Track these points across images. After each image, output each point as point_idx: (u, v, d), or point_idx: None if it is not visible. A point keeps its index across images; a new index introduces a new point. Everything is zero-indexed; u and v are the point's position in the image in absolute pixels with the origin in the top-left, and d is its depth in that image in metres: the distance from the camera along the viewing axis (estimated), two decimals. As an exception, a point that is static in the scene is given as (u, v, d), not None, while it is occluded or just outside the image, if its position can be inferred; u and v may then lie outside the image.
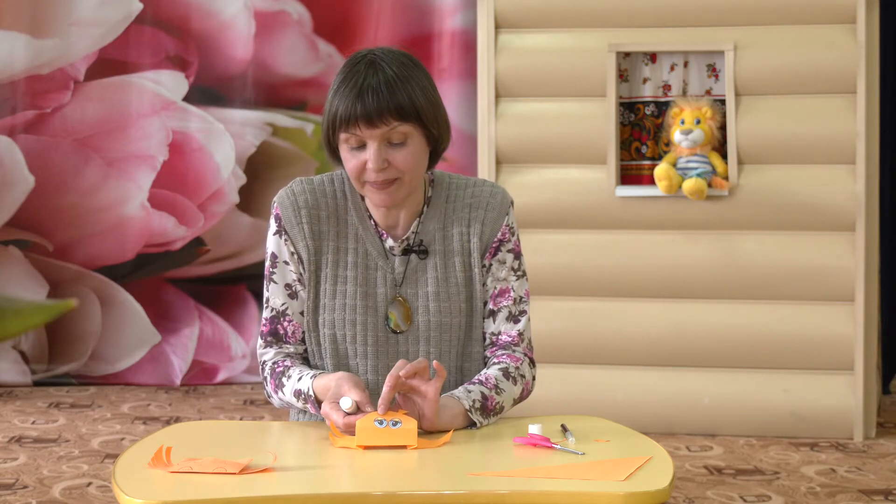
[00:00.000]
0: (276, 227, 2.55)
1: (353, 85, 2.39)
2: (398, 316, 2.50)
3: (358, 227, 2.53)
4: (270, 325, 2.54)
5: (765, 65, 4.70)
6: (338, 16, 5.87)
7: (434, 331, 2.51)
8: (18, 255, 5.77)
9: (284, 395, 2.49)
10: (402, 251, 2.52)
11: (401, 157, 2.42)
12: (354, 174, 2.44)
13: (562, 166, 4.88)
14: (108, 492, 4.02)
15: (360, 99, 2.38)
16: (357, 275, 2.50)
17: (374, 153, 2.40)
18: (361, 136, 2.40)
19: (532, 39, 4.87)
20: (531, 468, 2.16)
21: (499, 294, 2.55)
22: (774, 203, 4.72)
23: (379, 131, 2.40)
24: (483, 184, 2.58)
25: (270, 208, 2.58)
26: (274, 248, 2.56)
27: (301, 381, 2.45)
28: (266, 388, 2.55)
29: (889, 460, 4.43)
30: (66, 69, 5.73)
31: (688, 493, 4.03)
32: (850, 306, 4.71)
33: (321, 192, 2.54)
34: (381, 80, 2.39)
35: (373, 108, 2.38)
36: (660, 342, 4.79)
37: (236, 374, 5.82)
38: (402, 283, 2.51)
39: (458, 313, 2.52)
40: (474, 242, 2.53)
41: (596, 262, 4.84)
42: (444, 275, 2.52)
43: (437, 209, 2.55)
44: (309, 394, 2.42)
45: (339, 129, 2.42)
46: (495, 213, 2.54)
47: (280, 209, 2.54)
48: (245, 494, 2.01)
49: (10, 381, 5.73)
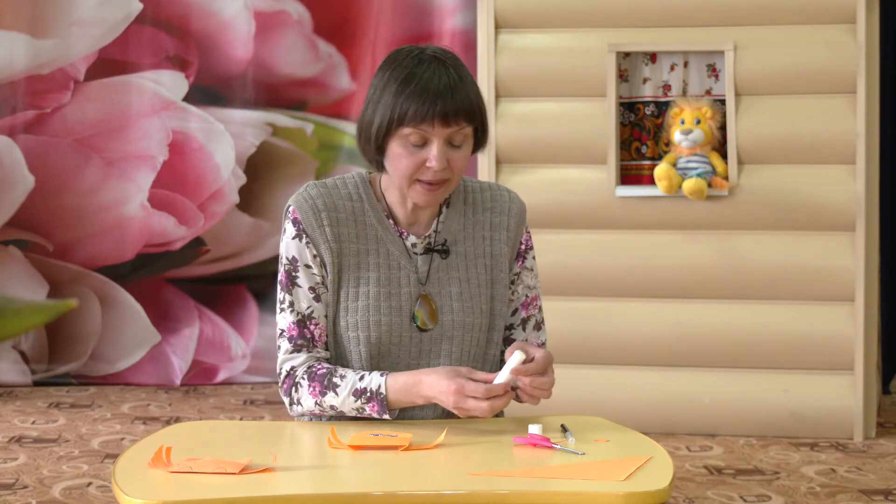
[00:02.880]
0: (296, 231, 2.50)
1: (426, 83, 2.38)
2: (424, 314, 2.50)
3: (377, 227, 2.51)
4: (298, 329, 2.49)
5: (765, 65, 4.70)
6: (338, 16, 5.87)
7: (457, 330, 2.51)
8: (18, 255, 5.77)
9: (336, 397, 2.43)
10: (424, 250, 2.53)
11: (458, 159, 2.43)
12: (408, 172, 2.43)
13: (562, 166, 4.88)
14: (108, 492, 4.02)
15: (441, 97, 2.37)
16: (380, 275, 2.49)
17: (440, 152, 2.40)
18: (429, 134, 2.40)
19: (532, 39, 4.87)
20: (531, 468, 2.16)
21: (530, 302, 2.62)
22: (774, 203, 4.72)
23: (449, 131, 2.40)
24: (498, 188, 2.61)
25: (284, 213, 2.53)
26: (294, 252, 2.50)
27: (363, 380, 2.42)
28: (296, 395, 2.48)
29: (889, 460, 4.43)
30: (66, 69, 5.73)
31: (688, 493, 4.03)
32: (850, 306, 4.71)
33: (337, 195, 2.52)
34: (455, 80, 2.40)
35: (450, 108, 2.38)
36: (660, 342, 4.79)
37: (236, 374, 5.82)
38: (427, 282, 2.52)
39: (479, 314, 2.53)
40: (502, 248, 2.56)
41: (596, 262, 4.84)
42: (466, 275, 2.53)
43: (457, 210, 2.56)
44: (380, 391, 2.39)
45: (405, 124, 2.39)
46: (517, 219, 2.59)
47: (299, 213, 2.49)
48: (245, 494, 2.01)
49: (10, 381, 5.73)
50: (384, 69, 2.45)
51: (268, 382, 5.79)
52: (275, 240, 5.78)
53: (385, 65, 2.45)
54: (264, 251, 5.86)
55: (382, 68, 2.45)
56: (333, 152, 5.92)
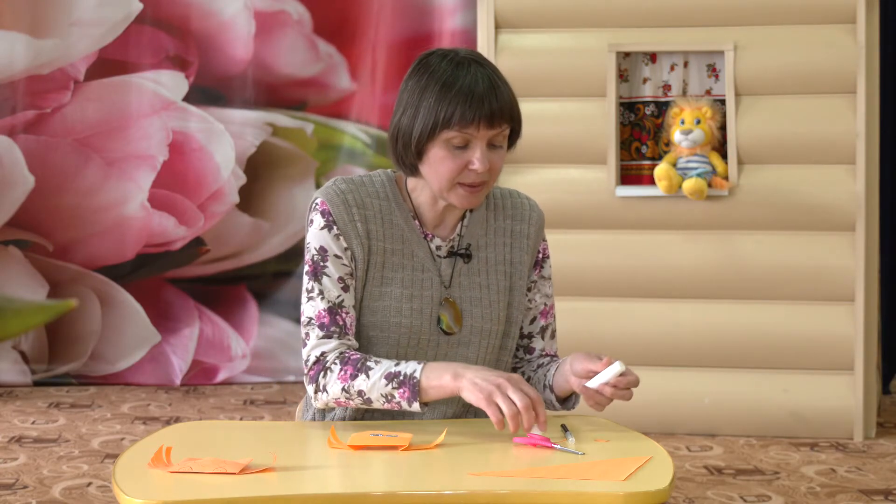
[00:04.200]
0: (325, 222, 2.45)
1: (469, 86, 2.37)
2: (450, 317, 2.49)
3: (404, 228, 2.49)
4: (330, 317, 2.43)
5: (765, 65, 4.71)
6: (338, 16, 5.87)
7: (475, 336, 2.50)
8: (18, 255, 5.77)
9: (367, 380, 2.36)
10: (447, 253, 2.52)
11: (498, 160, 2.43)
12: (451, 174, 2.41)
13: (562, 166, 4.88)
14: (108, 492, 4.02)
15: (485, 99, 2.37)
16: (403, 276, 2.48)
17: (483, 154, 2.39)
18: (472, 136, 2.39)
19: (532, 39, 4.87)
20: (531, 468, 2.16)
21: (548, 311, 2.62)
22: (774, 203, 4.72)
23: (493, 132, 2.40)
24: (519, 196, 2.62)
25: (311, 206, 2.48)
26: (323, 243, 2.45)
27: (399, 365, 2.37)
28: (322, 381, 2.41)
29: (889, 460, 4.43)
30: (66, 69, 5.73)
31: (688, 493, 4.03)
32: (850, 306, 4.71)
33: (365, 193, 2.49)
34: (495, 81, 2.40)
35: (496, 109, 2.38)
36: (660, 342, 4.79)
37: (236, 374, 5.82)
38: (450, 285, 2.51)
39: (497, 321, 2.53)
40: (522, 256, 2.56)
41: (596, 262, 4.84)
42: (486, 281, 2.53)
43: (480, 215, 2.56)
44: (413, 376, 2.33)
45: (449, 127, 2.37)
46: (536, 227, 2.60)
47: (329, 205, 2.45)
48: (245, 494, 2.01)
49: (10, 381, 5.73)
50: (419, 74, 2.42)
51: (268, 382, 5.80)
52: (275, 240, 5.79)
53: (419, 69, 2.43)
54: (264, 251, 5.86)
55: (417, 73, 2.43)
56: (333, 152, 5.92)
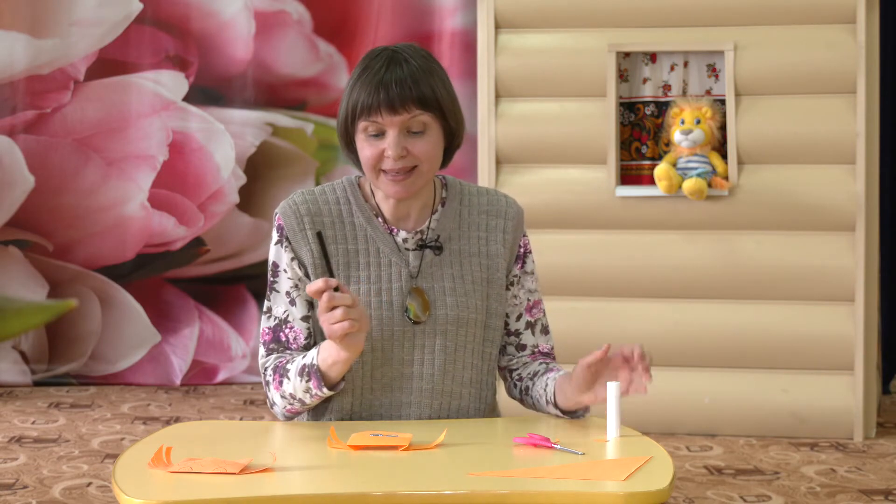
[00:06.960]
0: (278, 237, 2.54)
1: (376, 74, 2.43)
2: (417, 306, 2.51)
3: (366, 227, 2.53)
4: (273, 334, 2.53)
5: (765, 65, 4.70)
6: (338, 16, 5.87)
7: (451, 324, 2.51)
8: (18, 255, 5.77)
9: (289, 382, 2.43)
10: (416, 245, 2.54)
11: (419, 146, 2.45)
12: (371, 163, 2.46)
13: (562, 166, 4.88)
14: (108, 492, 4.02)
15: (385, 86, 2.42)
16: (370, 273, 2.51)
17: (394, 140, 2.43)
18: (382, 123, 2.43)
19: (532, 39, 4.87)
20: (531, 468, 2.16)
21: (533, 306, 2.64)
22: (774, 203, 4.72)
23: (400, 118, 2.43)
24: (496, 193, 2.64)
25: (273, 220, 2.57)
26: (274, 258, 2.54)
27: (305, 357, 2.43)
28: (269, 395, 2.50)
29: (889, 460, 4.43)
30: (66, 69, 5.73)
31: (688, 493, 4.03)
32: (850, 306, 4.71)
33: (323, 200, 2.55)
34: (404, 70, 2.43)
35: (396, 95, 2.41)
36: (660, 342, 4.79)
37: (236, 374, 5.82)
38: (418, 276, 2.52)
39: (474, 309, 2.54)
40: (498, 249, 2.57)
41: (596, 262, 4.84)
42: (460, 272, 2.55)
43: (452, 210, 2.58)
44: (313, 363, 2.39)
45: (359, 117, 2.44)
46: (514, 222, 2.61)
47: (283, 219, 2.53)
48: (245, 494, 2.01)
49: (10, 381, 5.73)
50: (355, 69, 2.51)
51: (268, 382, 5.79)
52: (275, 240, 5.79)
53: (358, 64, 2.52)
54: (264, 251, 5.86)
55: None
56: (333, 152, 5.92)
